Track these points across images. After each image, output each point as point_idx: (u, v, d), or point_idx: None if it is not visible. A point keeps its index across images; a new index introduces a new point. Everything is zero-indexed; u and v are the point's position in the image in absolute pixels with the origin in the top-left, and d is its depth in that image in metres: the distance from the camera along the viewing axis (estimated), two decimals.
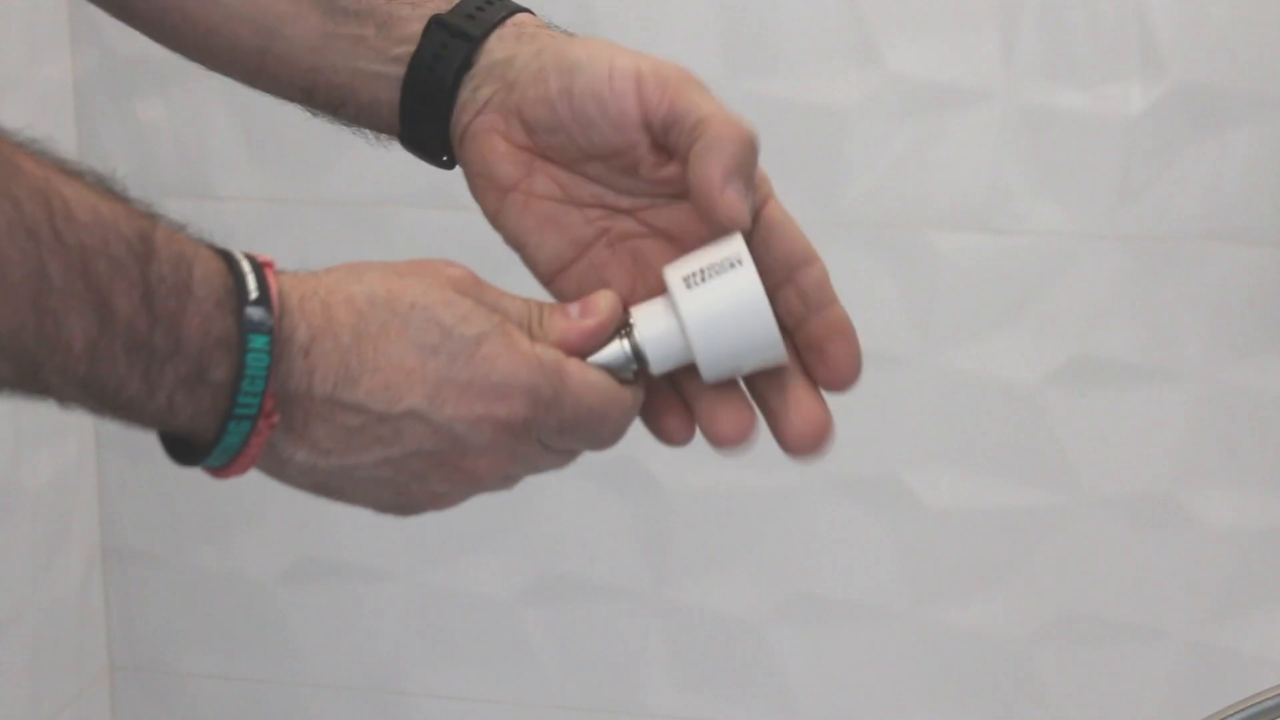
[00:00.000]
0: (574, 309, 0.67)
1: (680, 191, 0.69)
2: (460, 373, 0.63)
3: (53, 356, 0.56)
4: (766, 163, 0.73)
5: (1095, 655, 1.46)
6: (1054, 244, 1.40)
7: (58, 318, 0.55)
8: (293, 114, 0.75)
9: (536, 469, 0.68)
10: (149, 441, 0.65)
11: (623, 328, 0.67)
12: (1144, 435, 1.42)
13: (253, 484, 1.74)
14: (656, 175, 0.69)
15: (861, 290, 1.44)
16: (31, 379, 0.57)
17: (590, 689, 1.56)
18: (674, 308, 0.66)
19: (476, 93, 0.70)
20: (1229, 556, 1.43)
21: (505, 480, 0.67)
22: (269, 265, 0.61)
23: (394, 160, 0.79)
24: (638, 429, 0.73)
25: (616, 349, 0.67)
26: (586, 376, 0.65)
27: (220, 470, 0.63)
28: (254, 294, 0.60)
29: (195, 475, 0.63)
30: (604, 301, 0.67)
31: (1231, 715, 0.85)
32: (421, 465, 0.64)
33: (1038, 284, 1.41)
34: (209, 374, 0.59)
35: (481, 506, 1.63)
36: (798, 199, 0.74)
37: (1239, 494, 1.41)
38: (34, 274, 0.55)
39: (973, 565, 1.46)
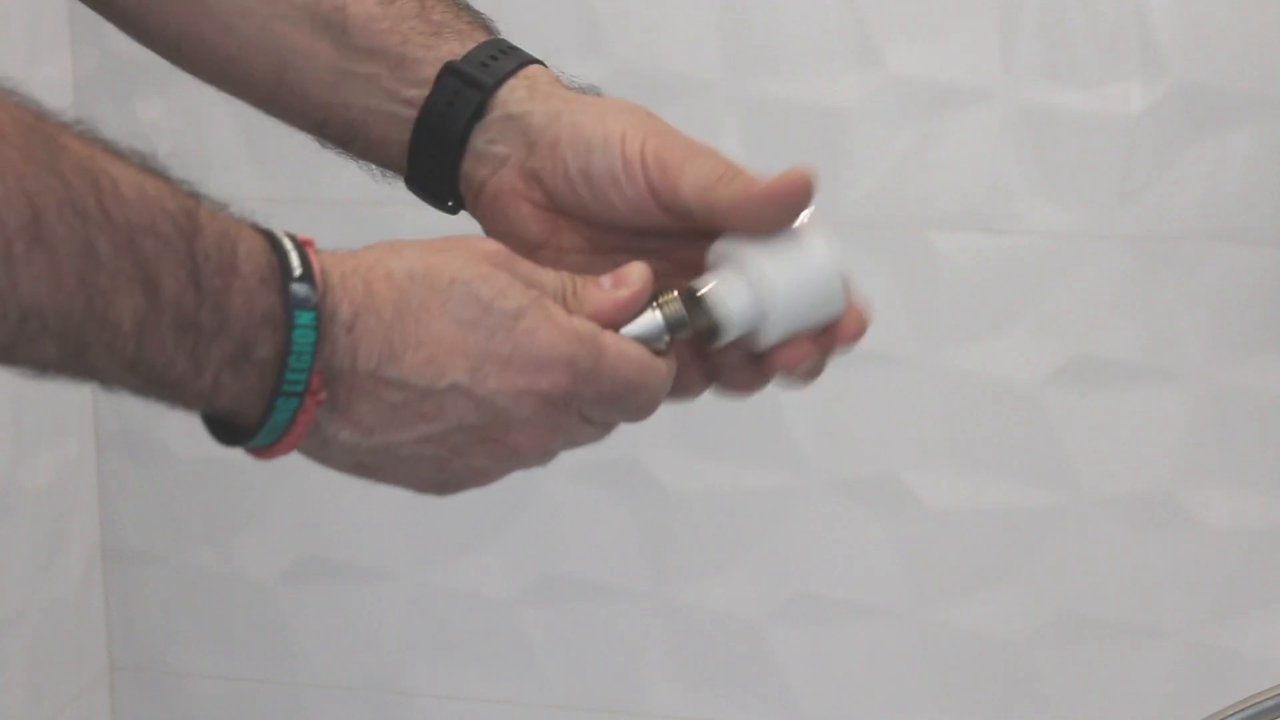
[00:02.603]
0: (606, 280, 0.67)
1: (704, 230, 0.70)
2: (501, 346, 0.63)
3: (101, 335, 0.56)
4: (767, 163, 0.73)
5: (1095, 655, 1.46)
6: (1054, 244, 1.40)
7: (107, 296, 0.55)
8: None
9: (575, 442, 0.68)
10: (149, 441, 0.65)
11: (654, 299, 0.68)
12: (1144, 435, 1.42)
13: (253, 484, 1.74)
14: (678, 229, 0.71)
15: (862, 290, 1.44)
16: (78, 359, 0.57)
17: (590, 689, 1.56)
18: (748, 276, 0.68)
19: (492, 146, 0.72)
20: (1229, 556, 1.43)
21: (544, 455, 0.67)
22: (310, 243, 0.62)
23: None
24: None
25: (649, 320, 0.68)
26: (623, 348, 0.66)
27: (265, 450, 0.62)
28: (298, 270, 0.60)
29: (195, 475, 0.64)
30: (635, 272, 0.68)
31: (1231, 715, 0.85)
32: (464, 440, 0.64)
33: (1038, 284, 1.41)
34: (254, 351, 0.59)
35: (481, 507, 1.63)
36: None
37: (1239, 494, 1.41)
38: (83, 252, 0.54)
39: (973, 565, 1.47)
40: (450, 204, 0.75)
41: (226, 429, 0.63)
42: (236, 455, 0.64)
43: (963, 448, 1.45)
